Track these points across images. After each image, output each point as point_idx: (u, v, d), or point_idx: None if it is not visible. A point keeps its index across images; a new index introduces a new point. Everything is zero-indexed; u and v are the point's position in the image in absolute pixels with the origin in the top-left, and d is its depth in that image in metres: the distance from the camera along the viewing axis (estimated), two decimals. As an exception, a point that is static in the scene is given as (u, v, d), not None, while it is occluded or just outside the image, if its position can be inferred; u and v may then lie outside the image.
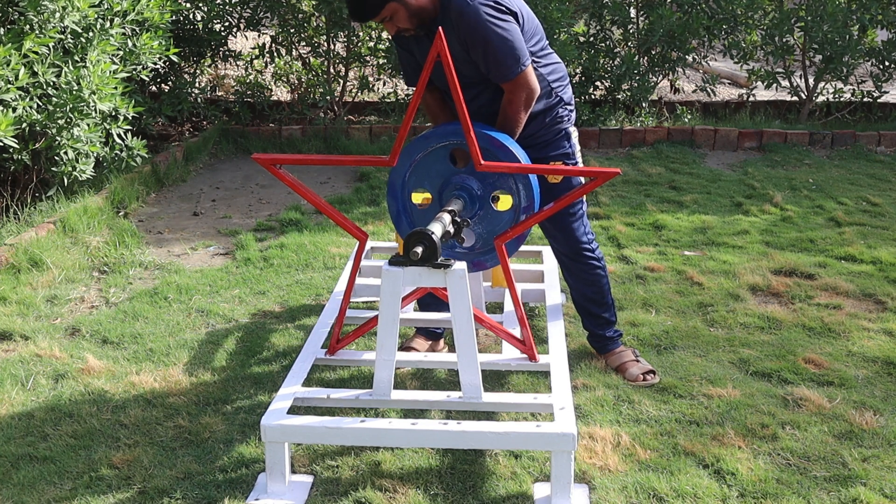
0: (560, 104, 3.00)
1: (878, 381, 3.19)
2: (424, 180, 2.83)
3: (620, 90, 6.96)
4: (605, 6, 6.92)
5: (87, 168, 4.71)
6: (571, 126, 3.06)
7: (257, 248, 4.54)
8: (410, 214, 2.85)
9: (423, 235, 2.45)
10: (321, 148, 6.52)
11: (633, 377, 3.15)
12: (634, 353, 3.25)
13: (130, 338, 3.50)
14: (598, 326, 3.28)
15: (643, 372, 3.16)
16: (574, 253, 3.15)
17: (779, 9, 7.09)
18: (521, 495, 2.53)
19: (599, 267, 3.19)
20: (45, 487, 2.54)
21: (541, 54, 2.93)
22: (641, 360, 3.22)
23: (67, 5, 4.38)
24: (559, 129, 3.02)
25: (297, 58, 6.99)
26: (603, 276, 3.21)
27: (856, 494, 2.51)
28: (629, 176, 5.91)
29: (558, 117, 3.00)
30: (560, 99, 2.99)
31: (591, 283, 3.21)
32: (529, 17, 2.90)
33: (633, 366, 3.19)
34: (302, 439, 2.52)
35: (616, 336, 3.30)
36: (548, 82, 2.94)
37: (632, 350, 3.27)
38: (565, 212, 3.07)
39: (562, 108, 3.00)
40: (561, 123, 3.02)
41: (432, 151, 2.80)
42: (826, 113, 7.43)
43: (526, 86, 2.79)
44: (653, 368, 3.19)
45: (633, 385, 3.12)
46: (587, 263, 3.17)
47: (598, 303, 3.25)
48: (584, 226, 3.14)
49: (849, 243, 4.58)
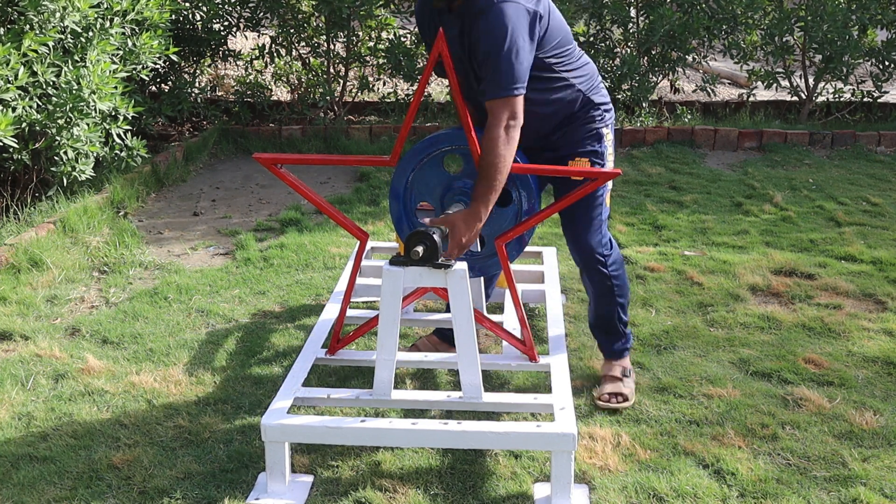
0: (591, 106, 2.86)
1: (878, 381, 3.19)
2: (424, 192, 2.81)
3: (620, 90, 6.96)
4: (605, 6, 6.91)
5: (87, 168, 4.71)
6: (605, 127, 2.90)
7: (257, 248, 4.54)
8: (412, 217, 2.85)
9: (424, 235, 2.45)
10: (321, 148, 6.52)
11: (599, 393, 3.01)
12: (624, 372, 3.07)
13: (130, 338, 3.50)
14: (604, 333, 3.14)
15: (614, 393, 2.99)
16: (584, 259, 3.00)
17: (779, 9, 7.09)
18: (521, 495, 2.53)
19: (608, 277, 3.00)
20: (45, 487, 2.54)
21: (567, 61, 2.78)
22: (625, 381, 3.04)
23: (67, 5, 4.38)
24: (590, 129, 2.86)
25: (296, 58, 6.99)
26: (614, 288, 3.02)
27: (856, 494, 2.52)
28: (629, 176, 5.91)
29: (590, 117, 2.86)
30: (590, 101, 2.85)
31: (602, 294, 3.05)
32: (556, 20, 2.74)
33: (610, 383, 3.03)
34: (302, 439, 2.52)
35: (618, 349, 3.13)
36: (581, 92, 2.82)
37: (623, 367, 3.09)
38: (581, 214, 2.92)
39: (595, 110, 2.86)
40: (592, 123, 2.87)
41: (433, 158, 2.79)
42: (826, 113, 7.43)
43: (508, 113, 2.55)
44: (627, 395, 2.99)
45: (595, 401, 3.00)
46: (598, 271, 3.00)
47: (605, 317, 3.09)
48: (602, 234, 2.97)
49: (849, 243, 4.58)
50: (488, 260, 2.88)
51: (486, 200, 2.55)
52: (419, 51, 6.77)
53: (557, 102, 2.79)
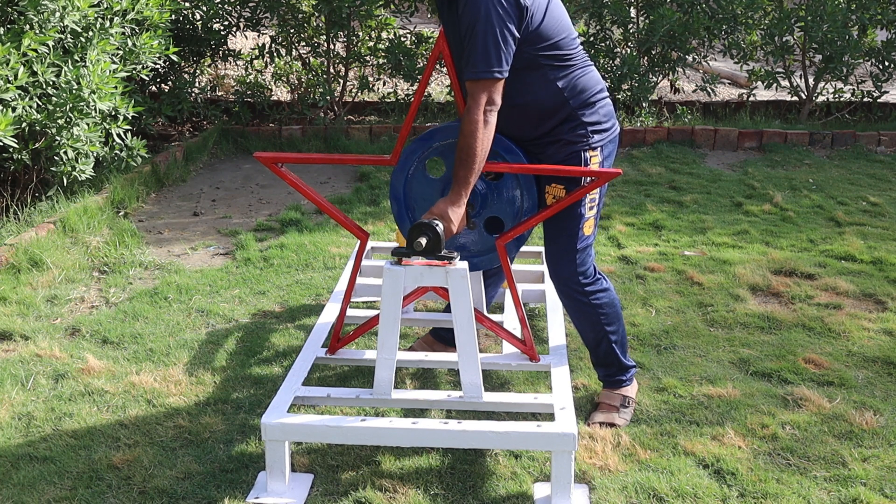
0: (577, 124, 2.71)
1: (878, 381, 3.19)
2: (424, 205, 2.79)
3: (620, 90, 6.96)
4: (605, 6, 6.92)
5: (87, 168, 4.71)
6: (591, 152, 2.73)
7: (257, 248, 4.54)
8: (413, 213, 2.84)
9: (426, 227, 2.45)
10: (321, 148, 6.52)
11: (590, 421, 2.89)
12: (624, 402, 2.94)
13: (130, 338, 3.50)
14: (597, 363, 3.02)
15: (605, 423, 2.87)
16: (557, 284, 2.87)
17: (779, 9, 7.09)
18: (521, 495, 2.53)
19: (588, 305, 2.85)
20: (45, 487, 2.54)
21: (558, 63, 2.67)
22: (622, 412, 2.91)
23: (67, 5, 4.38)
24: (571, 151, 2.72)
25: (296, 58, 6.99)
26: (600, 317, 2.87)
27: (856, 494, 2.52)
28: (629, 176, 5.91)
29: (576, 136, 2.71)
30: (576, 116, 2.70)
31: (584, 322, 2.90)
32: (554, 20, 2.64)
33: (604, 411, 2.91)
34: (302, 438, 2.52)
35: (615, 381, 2.98)
36: (565, 100, 2.69)
37: (623, 397, 2.95)
38: (558, 237, 2.80)
39: (581, 129, 2.71)
40: (575, 145, 2.72)
41: (429, 153, 2.78)
42: (826, 113, 7.43)
43: (486, 96, 2.50)
44: (619, 425, 2.86)
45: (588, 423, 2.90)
46: (573, 299, 2.85)
47: (594, 348, 2.97)
48: (580, 263, 2.81)
49: (849, 243, 4.58)
50: (484, 255, 2.86)
51: (466, 183, 2.55)
52: (419, 51, 6.77)
53: (530, 95, 2.68)
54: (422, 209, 2.80)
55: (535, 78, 2.66)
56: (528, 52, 2.61)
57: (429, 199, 2.78)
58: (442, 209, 2.55)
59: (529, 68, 2.64)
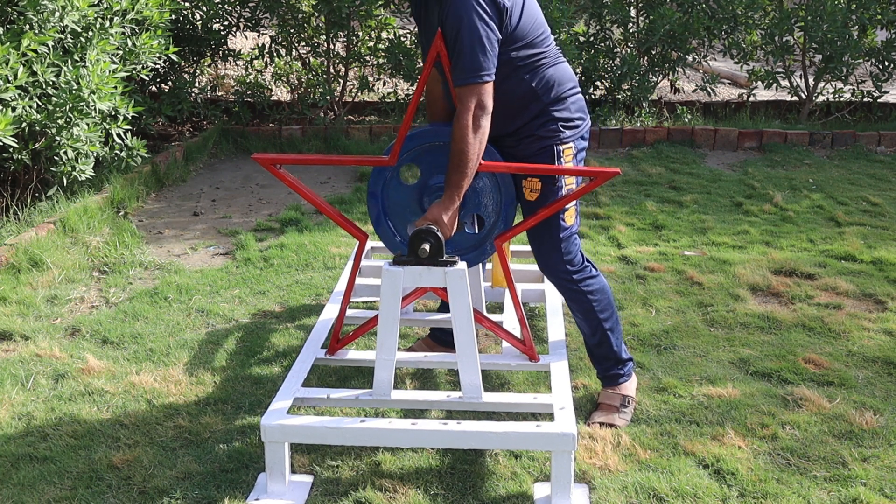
0: (549, 119, 2.74)
1: (878, 381, 3.19)
2: (402, 214, 2.81)
3: (620, 90, 6.96)
4: (605, 6, 6.92)
5: (87, 168, 4.71)
6: (561, 144, 2.76)
7: (257, 248, 4.54)
8: (392, 217, 2.84)
9: (428, 233, 2.45)
10: (321, 148, 6.52)
11: (590, 421, 2.90)
12: (623, 402, 2.94)
13: (130, 338, 3.50)
14: (595, 357, 3.02)
15: (604, 423, 2.87)
16: (550, 276, 2.89)
17: (779, 9, 7.09)
18: (521, 495, 2.53)
19: (582, 293, 2.87)
20: (45, 487, 2.54)
21: (530, 62, 2.69)
22: (622, 412, 2.91)
23: (67, 5, 4.38)
24: (543, 146, 2.76)
25: (296, 58, 6.99)
26: (594, 304, 2.89)
27: (856, 494, 2.52)
28: (629, 176, 5.91)
29: (547, 131, 2.75)
30: (548, 112, 2.74)
31: (584, 312, 2.92)
32: (530, 17, 2.67)
33: (603, 412, 2.92)
34: (302, 439, 2.52)
35: (612, 375, 2.98)
36: (537, 96, 2.72)
37: (623, 396, 2.95)
38: (541, 231, 2.81)
39: (552, 124, 2.75)
40: (546, 140, 2.75)
41: (405, 161, 2.79)
42: (826, 113, 7.43)
43: (476, 100, 2.53)
44: (619, 427, 2.86)
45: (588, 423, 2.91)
46: (568, 289, 2.88)
47: (591, 337, 2.97)
48: (566, 251, 2.82)
49: (849, 243, 4.58)
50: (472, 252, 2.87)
51: (458, 188, 2.57)
52: (419, 51, 6.77)
53: (503, 93, 2.66)
54: (395, 214, 2.82)
55: (508, 76, 2.68)
56: (503, 51, 2.63)
57: (403, 205, 2.80)
58: (436, 214, 2.56)
59: (503, 67, 2.65)
